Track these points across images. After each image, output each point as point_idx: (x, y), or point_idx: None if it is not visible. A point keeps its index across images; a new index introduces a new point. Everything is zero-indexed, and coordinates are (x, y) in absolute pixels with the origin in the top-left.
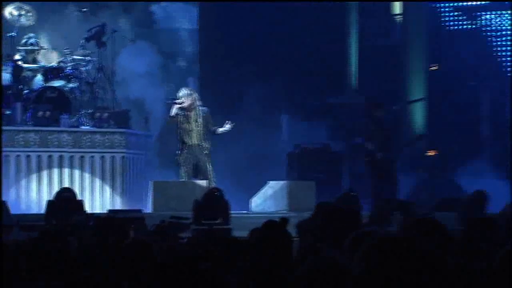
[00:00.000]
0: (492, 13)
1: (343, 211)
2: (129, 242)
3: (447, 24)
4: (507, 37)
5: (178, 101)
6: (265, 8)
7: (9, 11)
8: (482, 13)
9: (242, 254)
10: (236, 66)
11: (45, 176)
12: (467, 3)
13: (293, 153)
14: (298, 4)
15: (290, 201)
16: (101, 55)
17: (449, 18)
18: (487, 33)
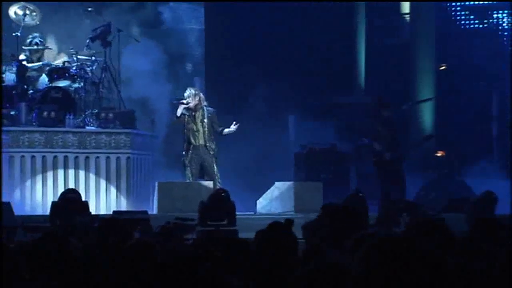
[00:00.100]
0: (502, 12)
1: (349, 212)
2: (131, 243)
3: (456, 23)
4: None
5: (184, 101)
6: (271, 7)
7: (14, 10)
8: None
9: (245, 255)
10: (243, 66)
11: (50, 177)
12: (476, 2)
13: (300, 154)
14: (305, 3)
15: (296, 202)
16: (107, 55)
17: (458, 17)
18: (497, 33)
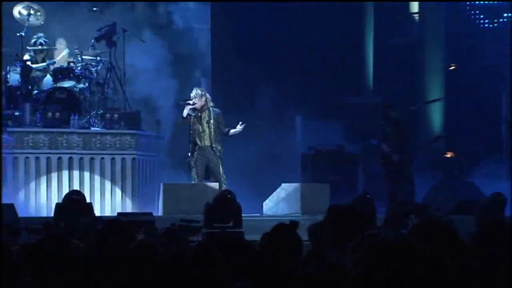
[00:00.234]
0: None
1: (355, 214)
2: (134, 244)
3: (466, 23)
4: None
5: (191, 101)
6: (279, 7)
7: (18, 10)
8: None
9: (249, 257)
10: (249, 66)
11: (55, 178)
12: (486, 2)
13: (307, 155)
14: (313, 3)
15: (303, 203)
16: (112, 55)
17: (468, 17)
18: (507, 32)
